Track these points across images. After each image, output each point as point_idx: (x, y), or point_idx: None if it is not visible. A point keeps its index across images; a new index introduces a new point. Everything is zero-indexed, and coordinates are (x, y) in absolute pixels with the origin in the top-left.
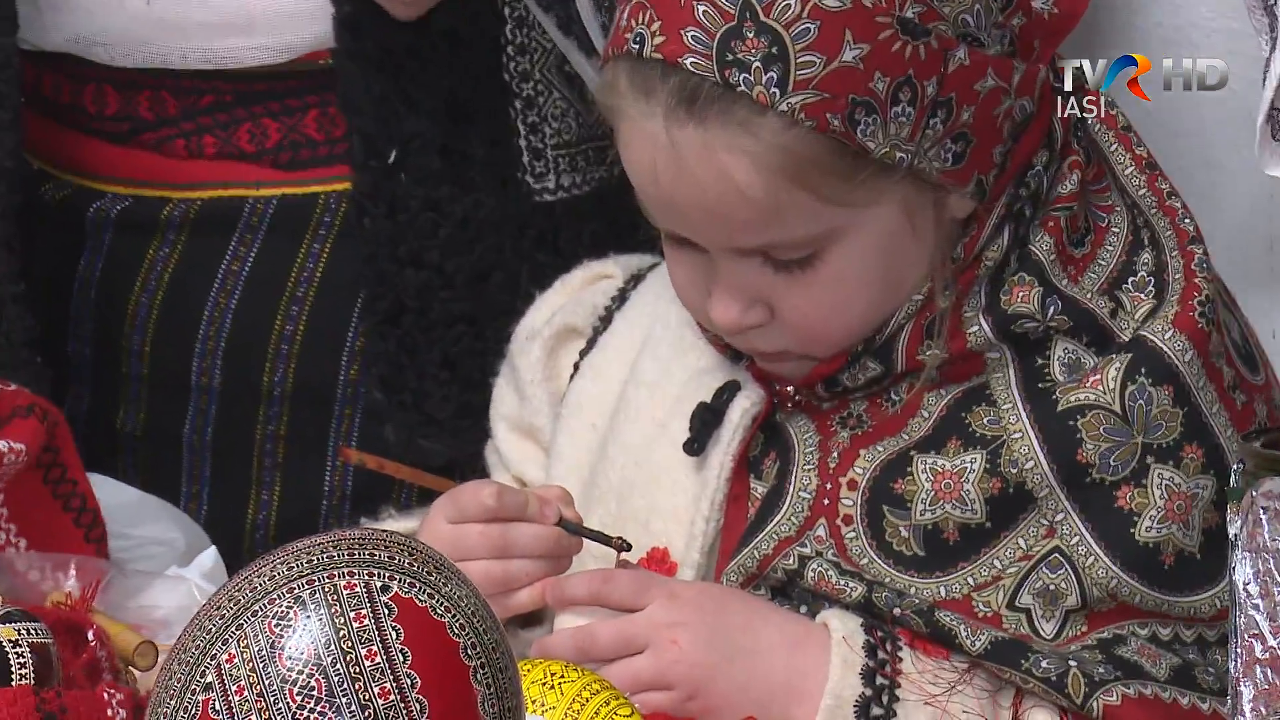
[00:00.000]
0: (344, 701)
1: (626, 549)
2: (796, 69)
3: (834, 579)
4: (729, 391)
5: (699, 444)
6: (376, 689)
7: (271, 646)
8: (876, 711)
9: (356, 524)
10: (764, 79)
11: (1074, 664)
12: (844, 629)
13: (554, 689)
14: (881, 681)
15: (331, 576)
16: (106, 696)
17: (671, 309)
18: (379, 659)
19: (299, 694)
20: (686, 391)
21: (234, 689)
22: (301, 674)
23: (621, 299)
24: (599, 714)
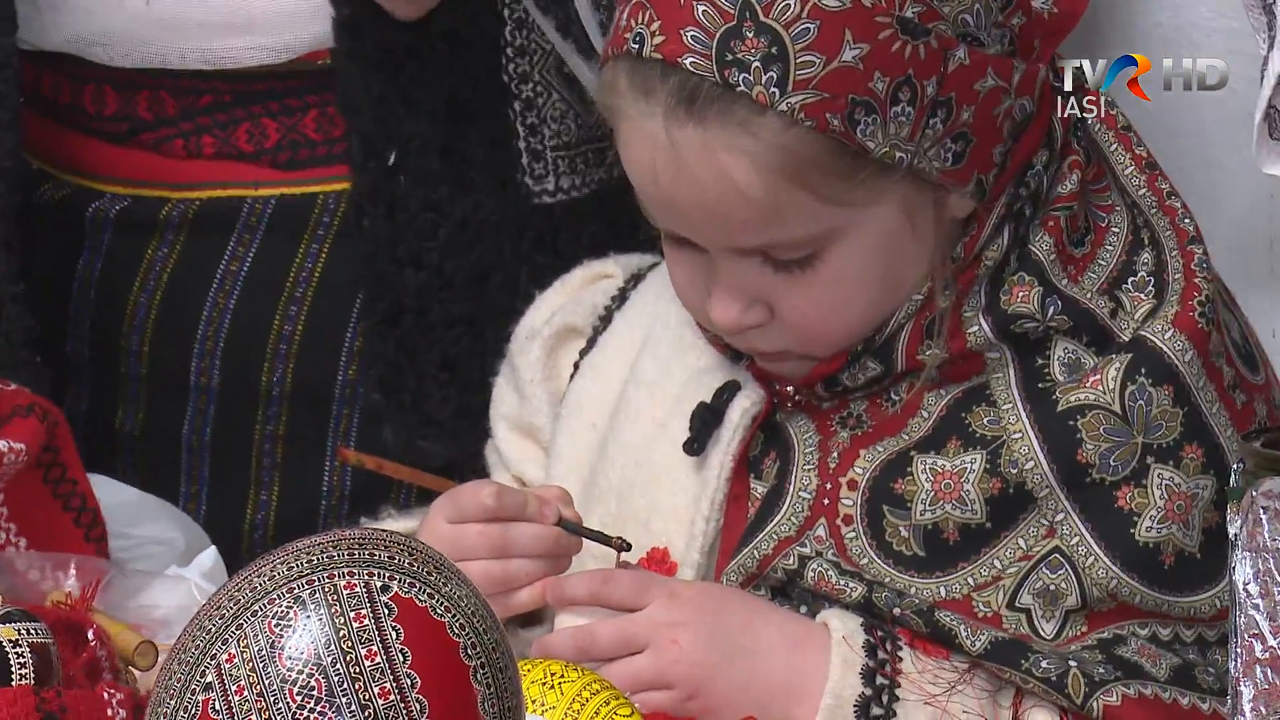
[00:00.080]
0: (344, 701)
1: (626, 549)
2: (796, 69)
3: (834, 579)
4: (729, 391)
5: (699, 444)
6: (376, 689)
7: (271, 646)
8: (876, 711)
9: (356, 524)
10: (764, 79)
11: (1074, 664)
12: (844, 629)
13: (554, 689)
14: (881, 681)
15: (331, 576)
16: (106, 696)
17: (671, 308)
18: (379, 659)
19: (299, 694)
20: (686, 391)
21: (234, 689)
22: (301, 674)
23: (621, 298)
24: (599, 714)
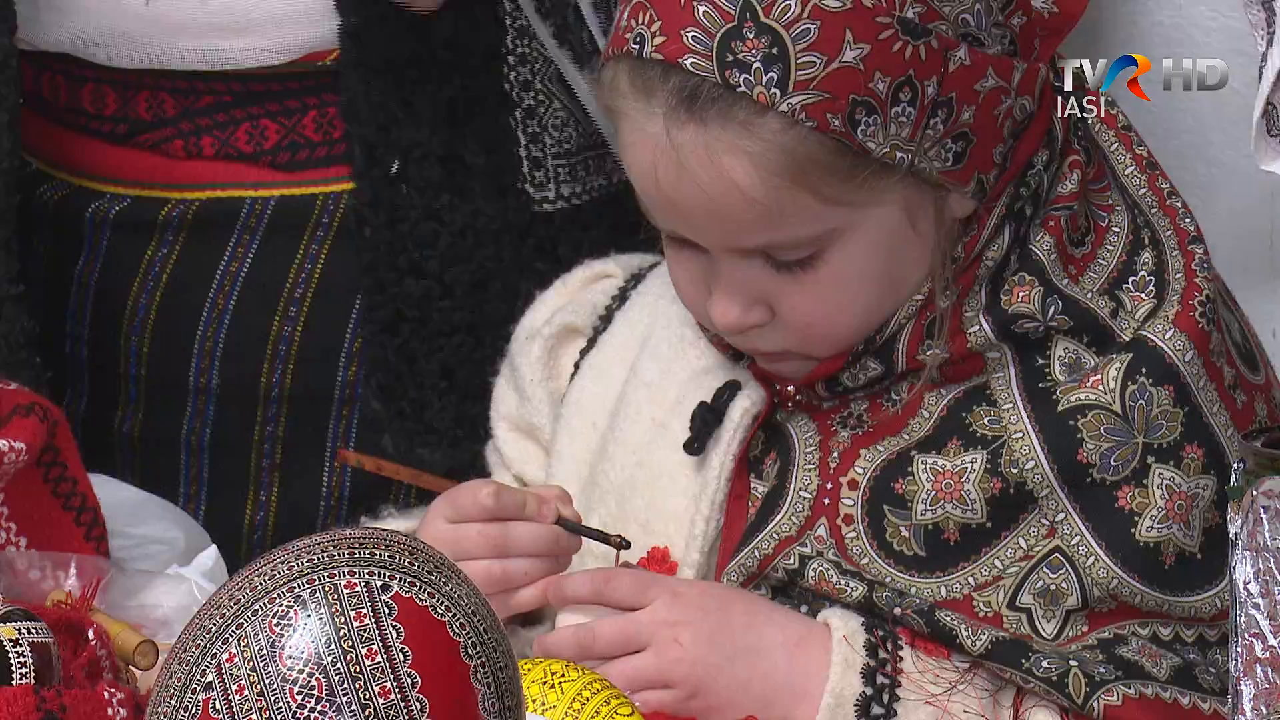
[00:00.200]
0: (344, 701)
1: (625, 546)
2: (797, 69)
3: (834, 579)
4: (729, 391)
5: (699, 444)
6: (377, 688)
7: (272, 646)
8: (877, 710)
9: (356, 523)
10: (764, 79)
11: (1075, 664)
12: (845, 628)
13: (554, 688)
14: (882, 680)
15: (332, 575)
16: (107, 696)
17: (672, 308)
18: (379, 658)
19: (299, 693)
20: (687, 391)
21: (234, 688)
22: (302, 673)
23: (622, 298)
24: (599, 713)
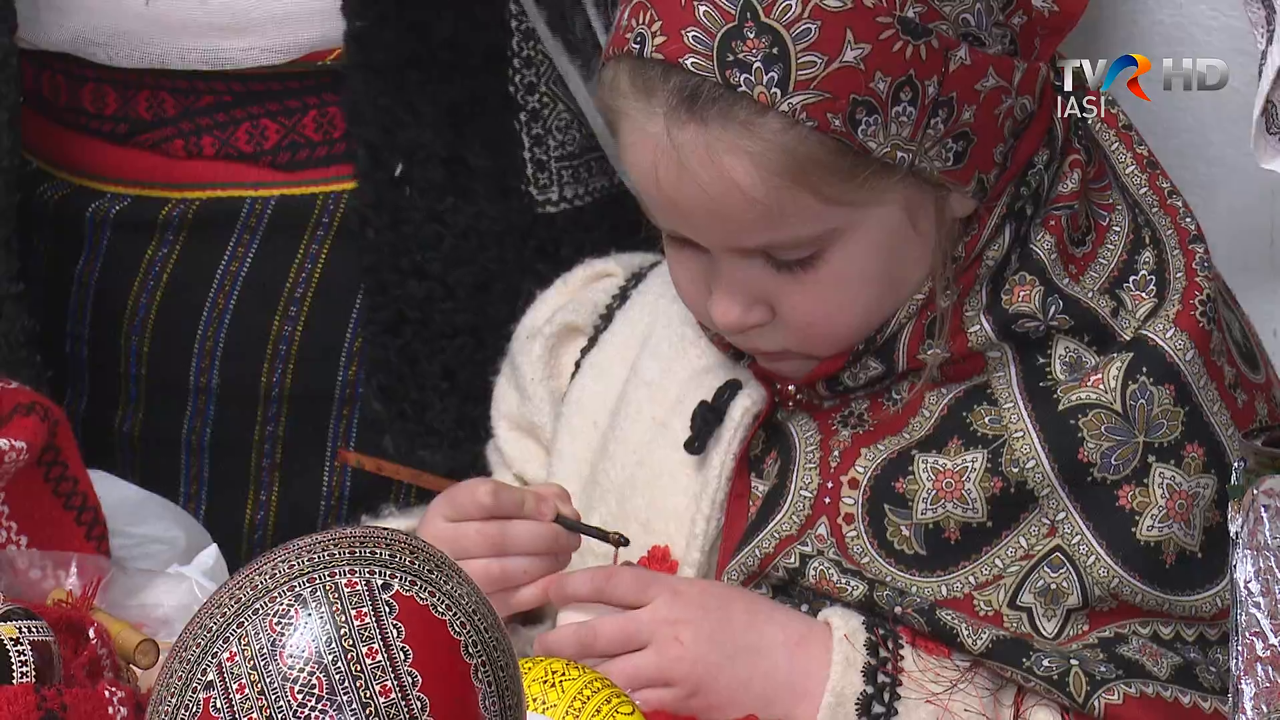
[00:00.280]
0: (345, 699)
1: (624, 544)
2: (797, 69)
3: (835, 577)
4: (730, 390)
5: (700, 443)
6: (377, 687)
7: (273, 644)
8: (878, 709)
9: (357, 522)
10: (765, 79)
11: (1075, 663)
12: (846, 627)
13: (555, 687)
14: (883, 679)
15: (333, 574)
16: (107, 695)
17: (673, 307)
18: (380, 657)
19: (300, 692)
20: (687, 390)
21: (235, 687)
22: (303, 672)
23: (623, 297)
24: (600, 712)
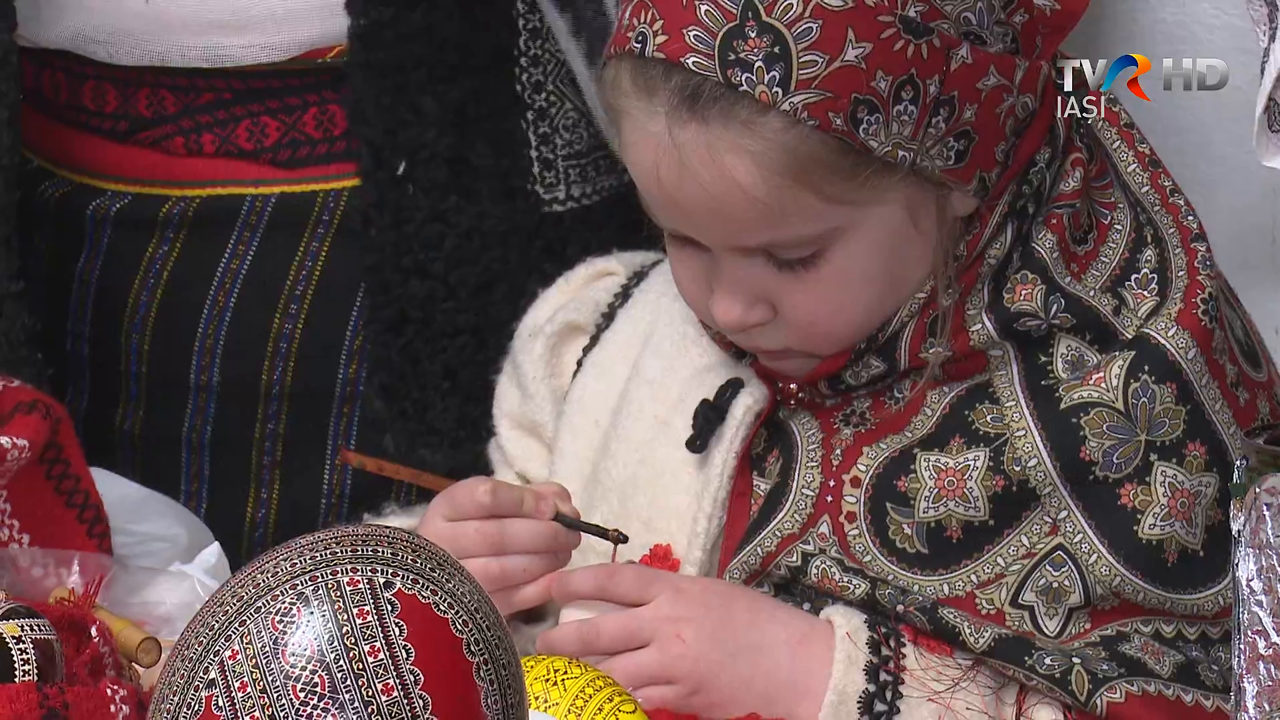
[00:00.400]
0: (347, 698)
1: (623, 541)
2: (799, 68)
3: (837, 576)
4: (732, 389)
5: (701, 441)
6: (380, 685)
7: (275, 643)
8: (880, 707)
9: (358, 521)
10: (766, 78)
11: (1077, 661)
12: (848, 625)
13: (557, 685)
14: (885, 677)
15: (335, 572)
16: (109, 693)
17: (674, 306)
18: (382, 655)
19: (302, 690)
20: (689, 389)
21: (237, 685)
22: (305, 670)
23: (624, 296)
24: (602, 710)
